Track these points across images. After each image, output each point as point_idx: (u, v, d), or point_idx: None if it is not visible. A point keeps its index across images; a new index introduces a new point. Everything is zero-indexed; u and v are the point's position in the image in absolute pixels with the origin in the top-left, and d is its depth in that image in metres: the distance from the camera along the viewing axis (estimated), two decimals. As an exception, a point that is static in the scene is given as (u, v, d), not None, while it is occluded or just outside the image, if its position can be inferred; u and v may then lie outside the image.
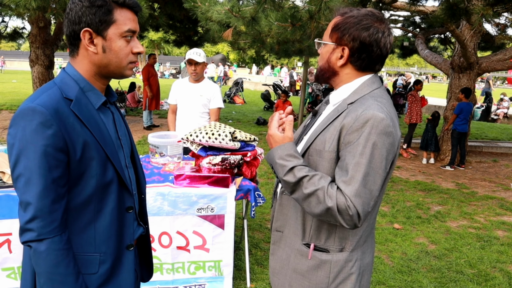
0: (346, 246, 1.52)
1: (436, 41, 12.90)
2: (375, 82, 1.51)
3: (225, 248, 3.05)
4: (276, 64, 44.79)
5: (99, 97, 1.39)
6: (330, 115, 1.51)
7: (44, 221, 1.23)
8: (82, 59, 1.36)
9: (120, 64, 1.37)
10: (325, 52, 1.53)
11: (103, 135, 1.36)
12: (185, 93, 4.08)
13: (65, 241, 1.28)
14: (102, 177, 1.35)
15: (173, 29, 11.97)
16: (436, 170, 7.75)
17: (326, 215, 1.37)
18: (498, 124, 16.00)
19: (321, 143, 1.47)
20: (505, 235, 4.77)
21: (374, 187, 1.37)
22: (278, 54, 10.28)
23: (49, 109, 1.23)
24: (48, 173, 1.22)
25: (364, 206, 1.34)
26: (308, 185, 1.39)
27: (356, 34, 1.44)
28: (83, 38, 1.32)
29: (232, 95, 17.99)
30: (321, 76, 1.57)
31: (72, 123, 1.27)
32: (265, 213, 4.92)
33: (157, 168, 3.33)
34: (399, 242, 4.37)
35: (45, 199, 1.22)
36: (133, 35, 1.37)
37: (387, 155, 1.38)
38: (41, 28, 9.87)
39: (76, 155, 1.28)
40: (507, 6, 6.14)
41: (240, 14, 5.26)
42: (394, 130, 1.39)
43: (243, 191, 3.01)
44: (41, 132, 1.21)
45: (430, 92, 23.98)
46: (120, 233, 1.44)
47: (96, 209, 1.36)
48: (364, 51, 1.46)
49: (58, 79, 1.35)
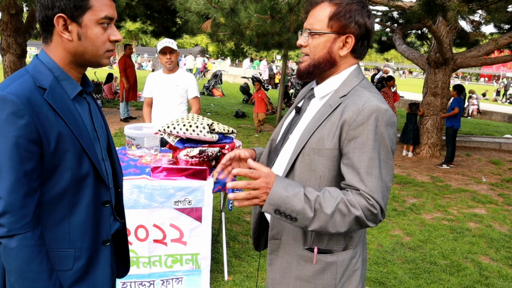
0: (350, 244, 1.47)
1: (413, 37, 13.09)
2: (360, 73, 1.48)
3: (203, 241, 3.03)
4: (256, 57, 44.71)
5: (75, 87, 1.33)
6: (323, 111, 1.43)
7: (15, 216, 1.17)
8: (56, 46, 1.29)
9: (96, 53, 1.30)
10: (323, 43, 1.42)
11: (79, 127, 1.29)
12: (160, 84, 4.04)
13: (38, 236, 1.22)
14: (78, 170, 1.29)
15: (151, 20, 11.81)
16: (411, 164, 7.89)
17: (354, 225, 1.30)
18: (471, 119, 16.43)
19: (318, 141, 1.39)
20: (477, 226, 4.90)
21: (388, 178, 1.34)
22: (258, 47, 10.26)
23: (21, 98, 1.16)
24: (19, 165, 1.16)
25: (384, 200, 1.31)
26: (326, 203, 1.27)
27: (362, 21, 1.40)
28: (57, 24, 1.25)
29: (211, 87, 17.88)
30: (316, 70, 1.45)
31: (46, 113, 1.21)
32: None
33: (134, 160, 3.27)
34: (375, 234, 4.44)
35: (16, 193, 1.17)
36: (110, 22, 1.30)
37: (391, 146, 1.37)
38: (12, 15, 9.54)
39: (50, 147, 1.22)
40: (482, 4, 6.26)
41: (219, 5, 5.22)
42: (395, 120, 1.38)
43: (221, 183, 2.99)
44: (12, 122, 1.15)
45: (407, 87, 24.42)
46: (96, 228, 1.39)
47: (71, 203, 1.30)
48: (367, 37, 1.44)
49: (31, 67, 1.28)
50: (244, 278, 3.32)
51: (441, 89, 8.37)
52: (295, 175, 1.44)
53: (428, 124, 8.48)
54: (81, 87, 1.36)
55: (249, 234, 4.14)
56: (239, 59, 43.07)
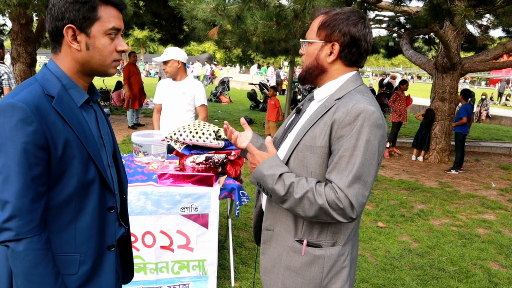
0: (339, 240, 1.54)
1: (421, 42, 13.06)
2: (358, 79, 1.56)
3: (209, 247, 3.04)
4: (263, 63, 44.83)
5: (82, 95, 1.36)
6: (318, 111, 1.53)
7: (23, 220, 1.20)
8: (64, 56, 1.33)
9: (104, 62, 1.35)
10: (313, 50, 1.55)
11: (85, 134, 1.33)
12: (168, 91, 4.08)
13: (44, 240, 1.25)
14: (84, 176, 1.32)
15: (159, 27, 11.89)
16: (419, 169, 7.84)
17: (321, 214, 1.39)
18: (480, 124, 16.29)
19: (311, 139, 1.48)
20: (486, 232, 4.85)
21: (369, 178, 1.40)
22: (264, 53, 10.30)
23: (30, 106, 1.20)
24: (27, 171, 1.19)
25: (358, 196, 1.36)
26: (298, 189, 1.41)
27: (346, 29, 1.49)
28: (66, 35, 1.29)
29: (218, 94, 17.95)
30: (308, 75, 1.58)
31: (54, 120, 1.24)
32: (250, 212, 4.92)
33: (141, 167, 3.30)
34: (382, 240, 4.41)
35: (24, 197, 1.19)
36: (117, 33, 1.35)
37: (379, 147, 1.42)
38: (22, 25, 9.70)
39: (57, 153, 1.25)
40: (489, 8, 6.24)
41: (226, 13, 5.25)
42: (383, 123, 1.44)
43: (227, 190, 3.00)
44: (21, 128, 1.18)
45: (415, 92, 24.27)
46: (101, 233, 1.41)
47: (77, 208, 1.33)
48: (354, 45, 1.51)
49: (40, 76, 1.32)
50: (250, 285, 3.32)
51: (449, 94, 8.33)
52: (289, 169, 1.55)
53: (436, 129, 8.43)
54: (88, 95, 1.40)
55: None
56: (246, 66, 43.17)
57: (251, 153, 1.56)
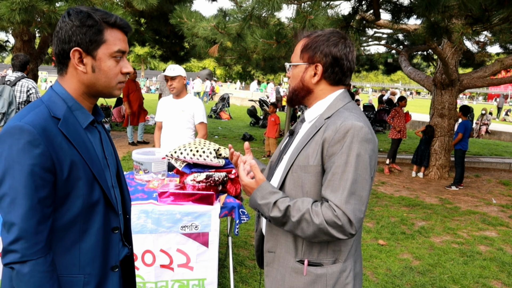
0: (339, 257, 1.54)
1: (419, 58, 13.17)
2: (346, 97, 1.60)
3: (210, 266, 3.02)
4: (263, 79, 45.09)
5: (87, 116, 1.38)
6: (309, 131, 1.56)
7: (29, 242, 1.20)
8: (70, 77, 1.35)
9: (109, 84, 1.37)
10: (297, 73, 1.60)
11: (90, 155, 1.34)
12: (168, 109, 4.13)
13: (50, 262, 1.25)
14: (89, 197, 1.33)
15: (159, 44, 12.01)
16: (420, 186, 7.83)
17: (320, 234, 1.40)
18: (480, 140, 16.31)
19: (305, 159, 1.51)
20: (488, 250, 4.82)
21: (364, 193, 1.42)
22: (264, 70, 10.39)
23: (37, 128, 1.21)
24: (34, 193, 1.20)
25: (355, 212, 1.38)
26: (294, 212, 1.43)
27: (327, 50, 1.54)
28: (73, 57, 1.31)
29: (218, 110, 18.03)
30: (295, 97, 1.63)
31: (60, 142, 1.26)
32: (250, 230, 4.90)
33: (141, 185, 3.30)
34: (383, 258, 4.38)
35: (30, 219, 1.20)
36: (122, 55, 1.37)
37: (370, 161, 1.44)
38: (25, 41, 9.79)
39: (63, 174, 1.26)
40: (486, 25, 6.31)
41: (226, 31, 5.32)
42: (373, 137, 1.47)
43: (228, 208, 3.00)
44: (29, 151, 1.19)
45: (414, 108, 24.41)
46: (106, 254, 1.42)
47: (82, 229, 1.34)
48: (337, 65, 1.55)
49: (46, 97, 1.34)
50: (251, 304, 3.29)
51: (448, 110, 8.37)
52: (285, 191, 1.56)
53: (436, 145, 8.45)
54: (93, 116, 1.42)
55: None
56: (246, 82, 43.44)
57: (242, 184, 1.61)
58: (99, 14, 1.32)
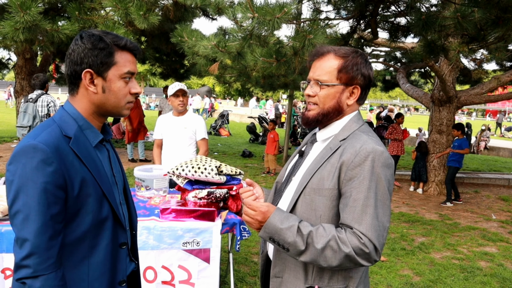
0: (350, 283, 1.49)
1: (417, 75, 13.30)
2: (360, 119, 1.58)
3: (211, 282, 3.03)
4: (262, 96, 45.33)
5: (97, 135, 1.43)
6: (323, 153, 1.52)
7: (41, 257, 1.24)
8: (81, 97, 1.40)
9: (118, 104, 1.42)
10: (333, 93, 1.52)
11: (100, 173, 1.39)
12: (170, 127, 4.17)
13: (60, 277, 1.28)
14: (98, 214, 1.37)
15: (160, 62, 12.13)
16: (419, 202, 7.84)
17: (346, 262, 1.36)
18: (478, 155, 16.35)
19: (319, 181, 1.46)
20: (488, 265, 4.82)
21: (385, 218, 1.39)
22: (264, 88, 10.48)
23: (50, 147, 1.26)
24: (47, 209, 1.24)
25: (379, 238, 1.35)
26: (318, 239, 1.36)
27: (366, 72, 1.53)
28: (84, 79, 1.37)
29: (217, 127, 18.09)
30: (324, 118, 1.54)
31: (71, 160, 1.30)
32: (250, 246, 4.90)
33: (143, 202, 3.33)
34: (384, 274, 4.38)
35: (42, 235, 1.24)
36: (131, 76, 1.43)
37: (389, 186, 1.42)
38: (27, 59, 9.92)
39: (74, 191, 1.30)
40: (481, 44, 6.42)
41: (226, 49, 5.40)
42: (392, 162, 1.45)
43: (229, 224, 3.02)
44: (42, 169, 1.23)
45: (413, 124, 24.49)
46: (113, 269, 1.45)
47: (91, 245, 1.38)
48: (368, 87, 1.56)
49: (57, 117, 1.39)
50: (252, 321, 3.28)
51: (446, 126, 8.43)
52: (297, 214, 1.50)
53: (435, 161, 8.49)
54: (102, 135, 1.47)
55: (257, 275, 4.11)
56: (245, 99, 43.63)
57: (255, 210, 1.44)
58: (110, 37, 1.37)
